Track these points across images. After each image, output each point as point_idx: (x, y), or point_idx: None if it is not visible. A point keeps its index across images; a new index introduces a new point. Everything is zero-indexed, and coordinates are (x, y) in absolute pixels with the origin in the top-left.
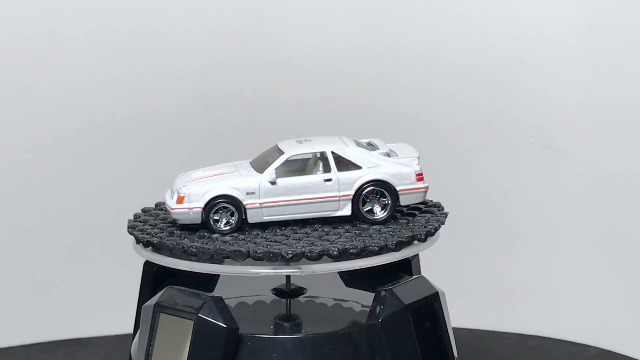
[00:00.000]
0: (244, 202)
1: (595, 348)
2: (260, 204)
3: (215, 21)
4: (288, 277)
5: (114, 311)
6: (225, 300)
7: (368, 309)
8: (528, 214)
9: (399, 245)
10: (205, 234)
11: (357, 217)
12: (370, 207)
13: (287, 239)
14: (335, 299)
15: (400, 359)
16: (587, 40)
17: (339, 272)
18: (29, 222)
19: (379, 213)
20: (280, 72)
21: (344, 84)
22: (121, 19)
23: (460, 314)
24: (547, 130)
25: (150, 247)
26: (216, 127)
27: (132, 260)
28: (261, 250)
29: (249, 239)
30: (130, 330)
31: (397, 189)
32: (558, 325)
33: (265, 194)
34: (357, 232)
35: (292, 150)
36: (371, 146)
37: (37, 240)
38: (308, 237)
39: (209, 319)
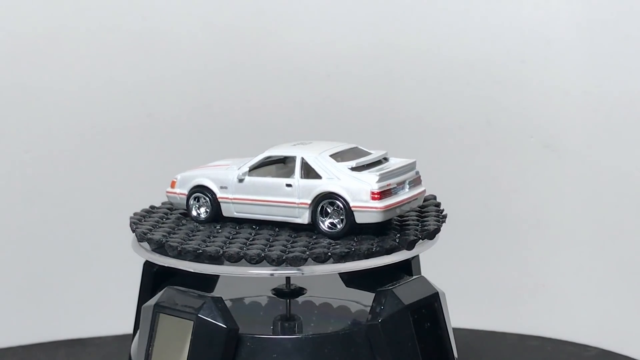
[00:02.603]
0: (218, 195)
1: (595, 348)
2: (231, 199)
3: (215, 22)
4: (288, 278)
5: (114, 311)
6: (225, 301)
7: (368, 309)
8: (528, 214)
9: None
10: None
11: (315, 228)
12: (331, 220)
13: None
14: (335, 299)
15: (400, 359)
16: (587, 40)
17: (339, 273)
18: (29, 222)
19: (337, 227)
20: (280, 72)
21: (344, 84)
22: (121, 20)
23: (460, 314)
24: (547, 130)
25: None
26: (216, 128)
27: (132, 260)
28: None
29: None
30: (130, 330)
31: (350, 204)
32: (558, 325)
33: (235, 190)
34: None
35: (271, 151)
36: (385, 160)
37: (37, 240)
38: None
39: (209, 319)
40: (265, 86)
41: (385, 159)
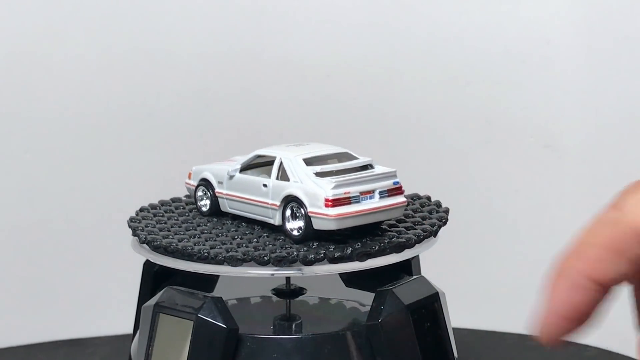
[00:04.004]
0: (216, 190)
1: (595, 348)
2: (225, 194)
3: (215, 21)
4: (288, 278)
5: (114, 311)
6: (225, 301)
7: (368, 309)
8: (528, 214)
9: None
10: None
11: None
12: (298, 223)
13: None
14: (335, 299)
15: (400, 359)
16: (587, 40)
17: (339, 273)
18: (29, 222)
19: (297, 231)
20: (280, 72)
21: (344, 84)
22: (121, 20)
23: (460, 314)
24: (547, 130)
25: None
26: (216, 127)
27: (132, 260)
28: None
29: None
30: (130, 330)
31: (308, 209)
32: None
33: (227, 185)
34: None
35: (261, 150)
36: (368, 168)
37: (37, 240)
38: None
39: (209, 319)
40: (266, 86)
41: (369, 166)
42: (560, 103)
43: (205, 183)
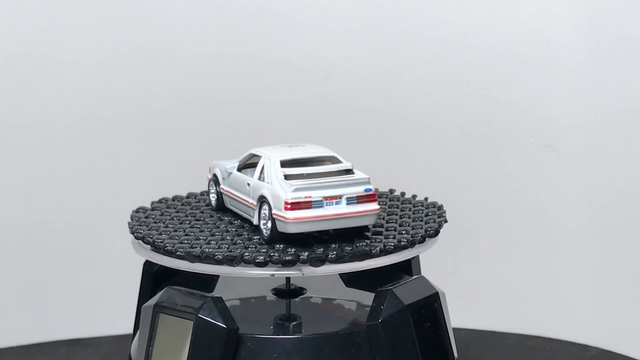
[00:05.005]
0: (220, 186)
1: (595, 348)
2: (225, 190)
3: (215, 21)
4: (288, 278)
5: (114, 311)
6: (225, 301)
7: (368, 309)
8: (528, 214)
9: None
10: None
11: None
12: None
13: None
14: (335, 299)
15: (400, 359)
16: (587, 40)
17: (339, 273)
18: (29, 222)
19: (266, 232)
20: (280, 72)
21: (344, 84)
22: (121, 19)
23: (460, 314)
24: (547, 130)
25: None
26: (216, 127)
27: (132, 260)
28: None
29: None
30: (130, 330)
31: (272, 211)
32: (558, 325)
33: (227, 183)
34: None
35: (254, 150)
36: (345, 173)
37: (37, 240)
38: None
39: (209, 319)
40: (266, 86)
41: (348, 172)
42: (560, 103)
43: (214, 179)
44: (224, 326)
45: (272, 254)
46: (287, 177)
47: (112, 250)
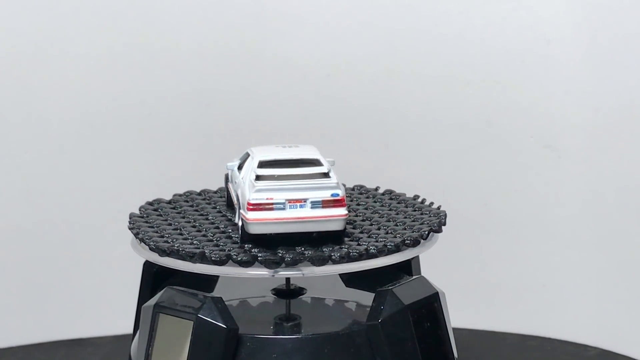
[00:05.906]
0: (229, 183)
1: (595, 348)
2: (229, 188)
3: (215, 21)
4: (288, 278)
5: (113, 311)
6: (225, 301)
7: (368, 309)
8: (528, 214)
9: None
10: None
11: None
12: None
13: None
14: (335, 299)
15: (400, 359)
16: (587, 40)
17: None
18: (28, 222)
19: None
20: (280, 72)
21: (344, 84)
22: (121, 19)
23: (460, 314)
24: (547, 130)
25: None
26: (216, 127)
27: (132, 260)
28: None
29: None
30: (130, 330)
31: (241, 211)
32: (558, 325)
33: (231, 180)
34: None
35: (252, 149)
36: (322, 176)
37: (37, 240)
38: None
39: (209, 320)
40: (266, 86)
41: (323, 175)
42: (560, 103)
43: (226, 176)
44: (224, 326)
45: (257, 254)
46: (258, 177)
47: (112, 250)
